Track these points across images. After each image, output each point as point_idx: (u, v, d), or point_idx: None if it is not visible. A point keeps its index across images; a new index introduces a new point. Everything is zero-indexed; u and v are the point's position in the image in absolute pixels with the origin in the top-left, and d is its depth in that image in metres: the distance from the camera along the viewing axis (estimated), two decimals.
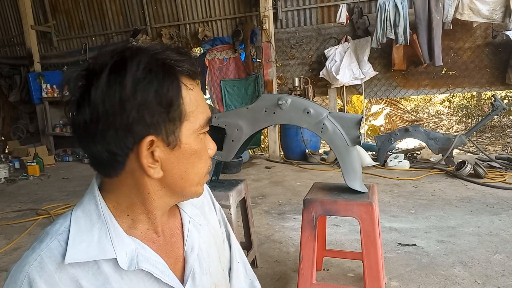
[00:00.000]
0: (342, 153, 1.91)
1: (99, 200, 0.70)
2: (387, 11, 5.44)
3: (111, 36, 8.04)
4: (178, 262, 0.78)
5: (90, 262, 0.65)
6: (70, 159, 7.44)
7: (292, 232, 3.18)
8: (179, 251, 0.78)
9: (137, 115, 0.62)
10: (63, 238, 0.66)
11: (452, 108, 10.61)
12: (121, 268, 0.66)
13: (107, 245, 0.66)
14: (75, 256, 0.64)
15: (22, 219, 3.84)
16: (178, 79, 0.66)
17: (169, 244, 0.77)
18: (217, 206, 0.97)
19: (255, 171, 5.63)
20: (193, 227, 0.82)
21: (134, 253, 0.69)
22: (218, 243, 0.91)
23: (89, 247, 0.65)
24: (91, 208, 0.70)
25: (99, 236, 0.67)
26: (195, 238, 0.80)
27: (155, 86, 0.63)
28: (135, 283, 0.68)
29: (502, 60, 5.78)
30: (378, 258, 1.82)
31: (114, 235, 0.68)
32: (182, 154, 0.69)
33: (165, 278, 0.71)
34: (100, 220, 0.68)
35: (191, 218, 0.82)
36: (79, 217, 0.69)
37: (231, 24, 7.15)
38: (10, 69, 8.54)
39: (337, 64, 6.11)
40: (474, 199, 3.79)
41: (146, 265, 0.69)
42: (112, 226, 0.68)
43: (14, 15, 8.55)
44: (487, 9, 5.23)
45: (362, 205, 1.81)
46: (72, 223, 0.67)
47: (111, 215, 0.70)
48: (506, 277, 2.29)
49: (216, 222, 0.93)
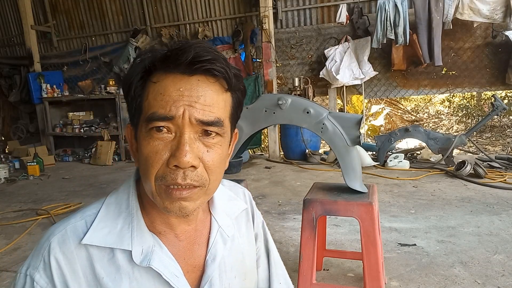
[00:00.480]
0: (342, 153, 1.91)
1: (131, 190, 0.72)
2: (387, 11, 5.44)
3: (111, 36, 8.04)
4: (196, 270, 0.75)
5: (107, 248, 0.67)
6: (70, 159, 7.44)
7: (292, 232, 3.18)
8: (199, 259, 0.76)
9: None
10: (90, 220, 0.69)
11: (452, 108, 10.61)
12: (134, 262, 0.67)
13: (126, 236, 0.68)
14: (92, 239, 0.66)
15: (22, 219, 3.84)
16: (143, 73, 0.66)
17: (189, 251, 0.75)
18: (258, 220, 0.91)
19: (255, 171, 5.63)
20: (220, 238, 0.78)
21: (150, 249, 0.69)
22: (247, 260, 0.84)
23: (109, 234, 0.67)
24: (123, 197, 0.72)
25: (122, 226, 0.69)
26: (219, 249, 0.77)
27: (127, 79, 0.67)
28: (145, 280, 0.68)
29: (502, 60, 5.78)
30: (378, 258, 1.82)
31: (136, 228, 0.69)
32: (139, 148, 0.67)
33: (174, 282, 0.69)
34: (127, 210, 0.70)
35: (220, 227, 0.79)
36: (110, 203, 0.72)
37: (231, 24, 7.15)
38: (10, 69, 8.54)
39: (337, 64, 6.11)
40: (474, 199, 3.79)
41: (157, 264, 0.68)
42: (136, 218, 0.70)
43: (14, 15, 8.55)
44: (488, 9, 5.23)
45: (362, 205, 1.81)
46: (102, 208, 0.71)
47: (138, 208, 0.71)
48: (506, 277, 2.29)
49: (252, 237, 0.88)
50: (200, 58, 0.62)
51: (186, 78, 0.63)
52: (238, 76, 0.68)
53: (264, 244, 0.93)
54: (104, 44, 8.09)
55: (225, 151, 0.69)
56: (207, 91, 0.64)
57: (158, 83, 0.64)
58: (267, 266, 0.92)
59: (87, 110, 7.86)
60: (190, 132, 0.63)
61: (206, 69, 0.63)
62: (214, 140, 0.65)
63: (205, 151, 0.64)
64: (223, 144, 0.68)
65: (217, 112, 0.65)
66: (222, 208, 0.82)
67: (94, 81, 7.94)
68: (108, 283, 0.66)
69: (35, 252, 0.68)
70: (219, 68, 0.63)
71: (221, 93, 0.66)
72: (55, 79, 7.91)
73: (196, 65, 0.62)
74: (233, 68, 0.67)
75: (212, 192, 0.70)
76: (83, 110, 7.87)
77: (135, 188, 0.73)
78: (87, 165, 6.92)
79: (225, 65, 0.65)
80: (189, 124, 0.62)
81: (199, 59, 0.62)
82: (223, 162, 0.69)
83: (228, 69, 0.65)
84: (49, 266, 0.65)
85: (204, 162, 0.64)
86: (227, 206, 0.83)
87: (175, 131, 0.63)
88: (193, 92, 0.63)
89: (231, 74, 0.65)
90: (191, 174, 0.62)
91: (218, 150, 0.66)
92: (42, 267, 0.65)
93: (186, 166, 0.61)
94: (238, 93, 0.71)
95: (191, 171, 0.63)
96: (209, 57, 0.63)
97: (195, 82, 0.63)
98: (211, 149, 0.65)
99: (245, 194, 0.91)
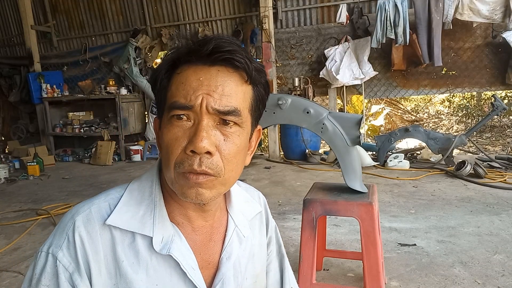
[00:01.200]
0: (342, 153, 1.91)
1: (155, 179, 0.73)
2: (387, 11, 5.44)
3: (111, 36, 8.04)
4: (210, 267, 0.75)
5: (129, 233, 0.68)
6: (70, 159, 7.44)
7: (292, 232, 3.18)
8: (214, 257, 0.76)
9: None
10: (114, 203, 0.70)
11: (452, 108, 10.61)
12: (154, 249, 0.68)
13: (148, 222, 0.69)
14: (116, 221, 0.67)
15: (22, 219, 3.84)
16: (168, 66, 0.68)
17: (205, 246, 0.75)
18: (272, 224, 0.92)
19: (255, 171, 5.63)
20: (236, 237, 0.79)
21: (170, 238, 0.69)
22: (257, 263, 0.84)
23: (132, 219, 0.68)
24: (147, 185, 0.73)
25: (144, 212, 0.70)
26: (234, 247, 0.78)
27: (155, 73, 0.70)
28: (162, 268, 0.69)
29: (502, 60, 5.78)
30: (378, 258, 1.82)
31: (157, 215, 0.70)
32: (161, 138, 0.69)
33: (191, 273, 0.69)
34: (150, 198, 0.71)
35: (236, 227, 0.79)
36: (133, 189, 0.73)
37: (231, 24, 7.15)
38: (10, 69, 8.54)
39: (337, 64, 6.11)
40: (474, 199, 3.79)
41: (177, 253, 0.69)
42: (158, 206, 0.71)
43: (14, 15, 8.55)
44: (487, 9, 5.23)
45: (362, 205, 1.81)
46: (126, 193, 0.72)
47: (161, 196, 0.72)
48: (506, 277, 2.29)
49: (264, 241, 0.88)
50: (220, 49, 0.64)
51: (207, 68, 0.65)
52: (259, 70, 0.69)
53: (277, 249, 0.94)
54: (104, 44, 8.09)
55: (243, 142, 0.69)
56: (226, 81, 0.65)
57: (181, 74, 0.66)
58: (278, 270, 0.92)
59: (87, 110, 7.87)
60: (208, 120, 0.64)
61: (226, 59, 0.65)
62: (232, 130, 0.66)
63: (222, 139, 0.65)
64: (241, 134, 0.68)
65: (234, 102, 0.65)
66: (239, 208, 0.82)
67: (94, 81, 7.94)
68: (126, 267, 0.66)
69: (57, 230, 0.68)
70: (239, 59, 0.65)
71: (240, 84, 0.67)
72: (55, 79, 7.91)
73: (216, 55, 0.64)
74: (255, 61, 0.68)
75: (229, 184, 0.70)
76: (83, 110, 7.87)
77: (158, 177, 0.74)
78: (87, 165, 6.92)
79: (245, 57, 0.66)
80: (206, 113, 0.63)
81: (219, 50, 0.64)
82: (241, 153, 0.69)
83: (249, 61, 0.66)
84: (73, 244, 0.65)
85: (221, 151, 0.65)
86: (243, 207, 0.84)
87: (194, 119, 0.64)
88: (212, 82, 0.64)
89: (251, 66, 0.66)
90: (206, 161, 0.63)
91: (236, 140, 0.66)
92: (65, 245, 0.65)
93: (202, 152, 0.62)
94: (260, 87, 0.71)
95: (207, 158, 0.63)
96: (229, 48, 0.64)
97: (214, 72, 0.65)
98: (228, 138, 0.66)
99: (260, 197, 0.92)
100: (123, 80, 7.63)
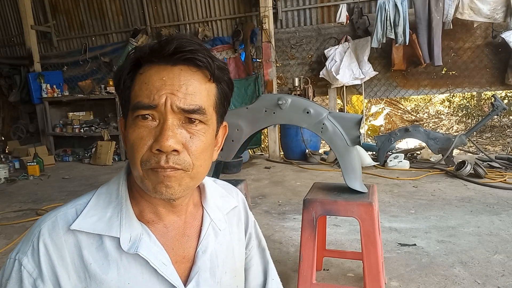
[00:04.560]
0: (342, 153, 1.91)
1: (121, 181, 0.75)
2: (387, 11, 5.44)
3: (111, 36, 8.04)
4: (185, 261, 0.76)
5: (96, 236, 0.69)
6: (70, 159, 7.44)
7: (292, 232, 3.17)
8: (189, 251, 0.77)
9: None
10: (80, 209, 0.71)
11: (452, 108, 10.61)
12: (122, 249, 0.69)
13: (115, 224, 0.70)
14: (81, 225, 0.68)
15: (22, 219, 3.84)
16: (131, 66, 0.69)
17: (178, 241, 0.76)
18: (251, 221, 0.93)
19: (255, 171, 5.63)
20: (212, 231, 0.80)
21: (138, 237, 0.70)
22: (237, 258, 0.86)
23: (98, 222, 0.69)
24: (114, 187, 0.75)
25: (111, 215, 0.71)
26: (210, 241, 0.79)
27: (118, 73, 0.71)
28: (133, 268, 0.69)
29: (502, 60, 5.78)
30: (378, 258, 1.82)
31: (124, 216, 0.71)
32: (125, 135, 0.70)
33: (162, 270, 0.70)
34: (117, 200, 0.73)
35: (212, 221, 0.81)
36: (101, 193, 0.74)
37: (231, 24, 7.15)
38: (10, 69, 8.54)
39: (337, 64, 6.11)
40: (474, 199, 3.79)
41: (145, 251, 0.69)
42: (125, 207, 0.72)
43: (14, 15, 8.54)
44: (488, 8, 5.23)
45: (362, 205, 1.81)
46: (93, 198, 0.73)
47: (127, 197, 0.73)
48: (506, 277, 2.29)
49: (242, 237, 0.89)
50: (182, 48, 0.65)
51: (169, 68, 0.66)
52: (222, 68, 0.70)
53: (257, 244, 0.95)
54: (104, 44, 8.09)
55: (209, 139, 0.70)
56: (189, 80, 0.66)
57: (144, 74, 0.67)
58: (260, 264, 0.94)
59: (87, 110, 7.87)
60: (173, 119, 0.65)
61: (188, 58, 0.65)
62: (197, 127, 0.67)
63: (188, 137, 0.66)
64: (207, 132, 0.69)
65: (199, 100, 0.66)
66: (214, 202, 0.84)
67: (94, 81, 7.94)
68: (95, 269, 0.67)
69: (25, 238, 0.70)
70: (201, 58, 0.66)
71: (203, 83, 0.68)
72: (55, 79, 7.90)
73: (178, 55, 0.65)
74: (217, 59, 0.69)
75: (198, 178, 0.71)
76: (83, 110, 7.87)
77: (125, 179, 0.76)
78: (87, 165, 6.92)
79: (207, 55, 0.67)
80: (171, 112, 0.64)
81: (181, 50, 0.65)
82: (208, 150, 0.70)
83: (211, 60, 0.67)
84: (37, 252, 0.66)
85: (188, 148, 0.66)
86: (219, 202, 0.85)
87: (159, 118, 0.65)
88: (175, 81, 0.65)
89: (213, 65, 0.67)
90: (173, 158, 0.64)
91: (202, 137, 0.68)
92: (30, 252, 0.66)
93: (168, 150, 0.63)
94: (223, 84, 0.72)
95: (174, 155, 0.64)
96: (191, 48, 0.65)
97: (177, 71, 0.66)
98: (194, 136, 0.67)
99: (238, 193, 0.93)
100: None
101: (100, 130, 7.26)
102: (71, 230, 0.68)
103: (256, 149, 8.00)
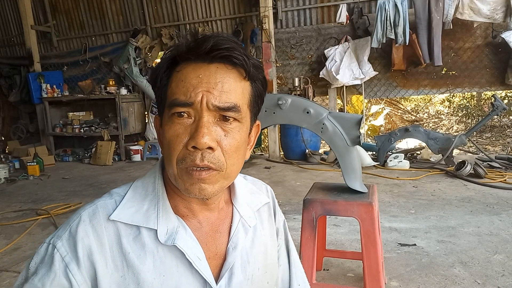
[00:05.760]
0: (342, 153, 1.91)
1: (157, 175, 0.76)
2: (387, 11, 5.44)
3: (111, 36, 8.04)
4: (217, 258, 0.76)
5: (134, 227, 0.70)
6: (70, 159, 7.44)
7: (292, 232, 3.15)
8: (221, 247, 0.77)
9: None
10: (119, 200, 0.73)
11: (452, 108, 10.61)
12: (159, 241, 0.69)
13: (152, 216, 0.71)
14: (121, 216, 0.70)
15: (22, 219, 3.84)
16: (168, 65, 0.69)
17: (211, 237, 0.76)
18: (280, 217, 0.93)
19: (255, 171, 5.63)
20: (242, 227, 0.80)
21: (174, 230, 0.71)
22: (269, 254, 0.85)
23: (136, 213, 0.71)
24: (150, 181, 0.76)
25: (148, 207, 0.72)
26: (240, 237, 0.79)
27: (155, 71, 0.72)
28: (168, 259, 0.70)
29: (502, 60, 5.78)
30: (378, 258, 1.82)
31: (161, 209, 0.72)
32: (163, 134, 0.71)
33: (197, 264, 0.71)
34: (153, 193, 0.74)
35: (241, 217, 0.81)
36: (137, 186, 0.75)
37: (231, 24, 7.15)
38: (10, 69, 8.54)
39: (337, 64, 6.11)
40: (474, 199, 3.79)
41: (182, 244, 0.70)
42: (162, 200, 0.73)
43: (14, 15, 8.55)
44: (488, 8, 5.23)
45: (362, 205, 1.81)
46: (130, 190, 0.75)
47: (164, 191, 0.74)
48: (506, 277, 2.29)
49: (274, 232, 0.89)
50: (218, 46, 0.66)
51: (206, 65, 0.67)
52: (257, 67, 0.71)
53: (284, 242, 0.95)
54: (104, 44, 8.09)
55: (243, 137, 0.70)
56: (225, 77, 0.67)
57: (181, 71, 0.68)
58: (287, 266, 0.94)
59: (87, 110, 7.87)
60: (209, 116, 0.65)
61: (224, 56, 0.66)
62: (232, 125, 0.67)
63: (222, 135, 0.67)
64: (241, 130, 0.69)
65: (234, 98, 0.67)
66: (244, 199, 0.84)
67: (94, 81, 7.94)
68: (133, 258, 0.68)
69: (64, 225, 0.71)
70: (237, 56, 0.66)
71: (239, 81, 0.68)
72: (55, 79, 7.91)
73: (215, 53, 0.66)
74: (252, 58, 0.70)
75: (231, 178, 0.71)
76: (83, 110, 7.87)
77: (161, 173, 0.76)
78: (87, 165, 6.92)
79: (243, 54, 0.67)
80: (206, 109, 0.65)
81: (217, 47, 0.66)
82: (241, 148, 0.71)
83: (247, 58, 0.68)
84: (74, 237, 0.67)
85: (222, 146, 0.66)
86: (249, 199, 0.85)
87: (195, 116, 0.66)
88: (211, 79, 0.66)
89: (249, 63, 0.68)
90: (208, 156, 0.65)
91: (236, 135, 0.68)
92: (66, 237, 0.67)
93: (203, 147, 0.64)
94: (258, 83, 0.73)
95: (209, 153, 0.65)
96: (227, 46, 0.66)
97: (213, 69, 0.67)
98: (229, 134, 0.67)
99: (268, 189, 0.93)
100: (123, 80, 7.63)
101: (100, 130, 7.26)
102: (110, 220, 0.69)
103: (256, 149, 8.00)
